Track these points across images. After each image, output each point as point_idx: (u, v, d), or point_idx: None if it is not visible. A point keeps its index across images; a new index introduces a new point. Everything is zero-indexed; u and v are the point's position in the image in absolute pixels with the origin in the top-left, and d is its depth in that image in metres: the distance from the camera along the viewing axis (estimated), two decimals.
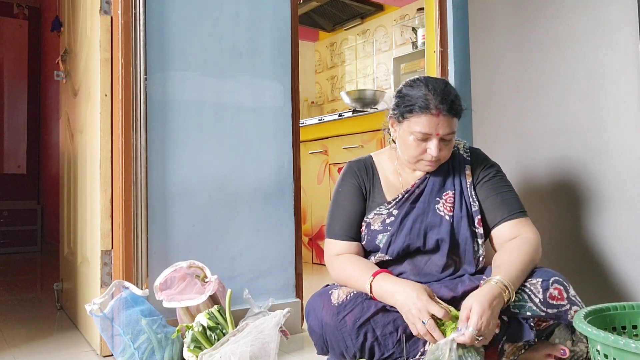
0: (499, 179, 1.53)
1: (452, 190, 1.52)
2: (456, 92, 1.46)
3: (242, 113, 1.93)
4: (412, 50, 3.64)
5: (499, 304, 1.26)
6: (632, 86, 1.69)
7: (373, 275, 1.39)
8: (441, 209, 1.49)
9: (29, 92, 5.00)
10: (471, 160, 1.56)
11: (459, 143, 1.61)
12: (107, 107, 1.74)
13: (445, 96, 1.41)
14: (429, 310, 1.27)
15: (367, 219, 1.53)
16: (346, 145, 3.35)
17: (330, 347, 1.41)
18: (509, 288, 1.28)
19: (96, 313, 1.52)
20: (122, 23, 1.71)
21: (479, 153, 1.60)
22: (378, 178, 1.58)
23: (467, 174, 1.54)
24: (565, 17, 1.90)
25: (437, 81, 1.46)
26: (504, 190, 1.51)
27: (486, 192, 1.51)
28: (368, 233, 1.52)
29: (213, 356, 1.37)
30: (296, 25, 2.08)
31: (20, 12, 4.99)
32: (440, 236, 1.46)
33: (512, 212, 1.47)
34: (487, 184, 1.52)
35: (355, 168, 1.60)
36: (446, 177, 1.54)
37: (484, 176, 1.53)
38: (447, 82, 1.48)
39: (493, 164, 1.57)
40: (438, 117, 1.39)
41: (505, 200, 1.49)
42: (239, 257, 1.90)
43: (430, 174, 1.54)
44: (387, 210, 1.52)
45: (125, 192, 1.68)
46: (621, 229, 1.73)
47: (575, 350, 1.38)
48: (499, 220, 1.47)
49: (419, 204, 1.50)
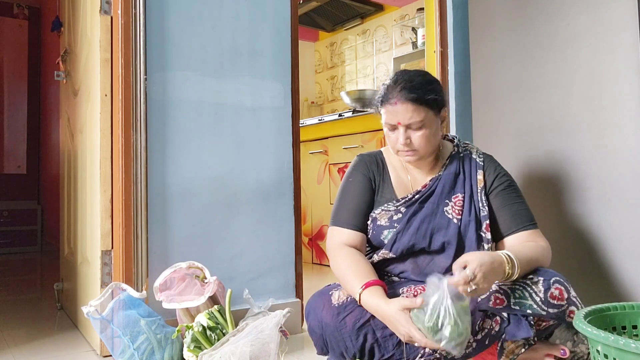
0: (512, 189, 1.53)
1: (462, 193, 1.51)
2: (427, 80, 1.46)
3: (242, 113, 1.93)
4: (412, 50, 3.64)
5: (499, 267, 1.26)
6: (632, 86, 1.69)
7: (362, 288, 1.35)
8: (450, 211, 1.49)
9: (29, 92, 4.99)
10: (484, 165, 1.55)
11: (473, 148, 1.60)
12: (107, 107, 1.74)
13: (405, 85, 1.43)
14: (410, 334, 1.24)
15: (373, 213, 1.52)
16: (346, 145, 3.35)
17: (330, 347, 1.41)
18: (512, 260, 1.28)
19: (93, 315, 1.51)
20: (122, 23, 1.71)
21: (492, 159, 1.59)
22: (388, 173, 1.58)
23: (479, 179, 1.52)
24: (565, 17, 1.90)
25: (406, 72, 1.48)
26: (518, 202, 1.51)
27: (501, 201, 1.50)
28: (374, 228, 1.51)
29: (213, 356, 1.37)
30: (296, 25, 2.08)
31: (20, 12, 4.99)
32: (447, 239, 1.46)
33: (526, 223, 1.48)
34: (501, 193, 1.51)
35: (366, 161, 1.59)
36: (457, 180, 1.53)
37: (498, 184, 1.52)
38: (419, 72, 1.48)
39: (506, 173, 1.56)
40: (396, 105, 1.43)
41: (520, 211, 1.49)
42: (238, 257, 1.90)
43: (441, 175, 1.53)
44: (394, 208, 1.51)
45: (125, 192, 1.69)
46: (621, 229, 1.73)
47: (576, 351, 1.38)
48: (514, 229, 1.47)
49: (428, 204, 1.50)
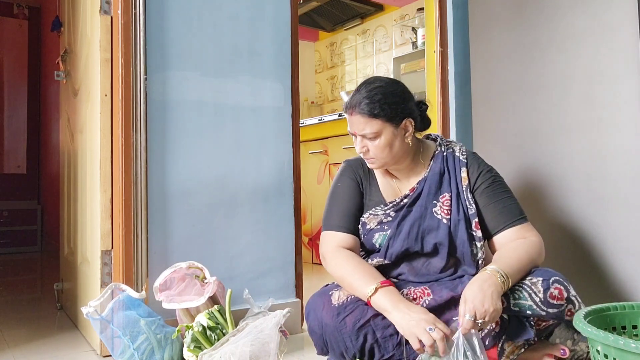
0: (498, 184, 1.52)
1: (449, 192, 1.51)
2: (385, 92, 1.45)
3: (242, 113, 1.94)
4: (412, 50, 3.64)
5: (492, 286, 1.25)
6: (632, 86, 1.69)
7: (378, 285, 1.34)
8: (438, 212, 1.49)
9: (29, 92, 4.99)
10: (467, 163, 1.55)
11: (455, 145, 1.60)
12: (107, 107, 1.74)
13: (362, 97, 1.45)
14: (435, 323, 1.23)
15: (363, 218, 1.53)
16: (346, 145, 3.35)
17: (330, 347, 1.41)
18: (501, 273, 1.28)
19: (93, 316, 1.51)
20: (122, 23, 1.71)
21: (475, 156, 1.59)
22: (374, 177, 1.60)
23: (463, 176, 1.52)
24: (565, 17, 1.90)
25: (368, 82, 1.50)
26: (505, 197, 1.50)
27: (487, 198, 1.49)
28: (364, 232, 1.52)
29: (213, 356, 1.37)
30: (296, 25, 2.08)
31: (20, 12, 4.99)
32: (439, 240, 1.46)
33: (514, 218, 1.46)
34: (486, 190, 1.50)
35: (353, 165, 1.63)
36: (442, 179, 1.53)
37: (482, 182, 1.52)
38: (380, 84, 1.47)
39: (490, 169, 1.56)
40: (352, 116, 1.48)
41: (506, 207, 1.48)
42: (238, 257, 1.90)
43: (426, 177, 1.53)
44: (383, 212, 1.52)
45: (125, 192, 1.69)
46: (621, 229, 1.73)
47: (576, 349, 1.38)
48: (502, 227, 1.46)
49: (416, 207, 1.50)
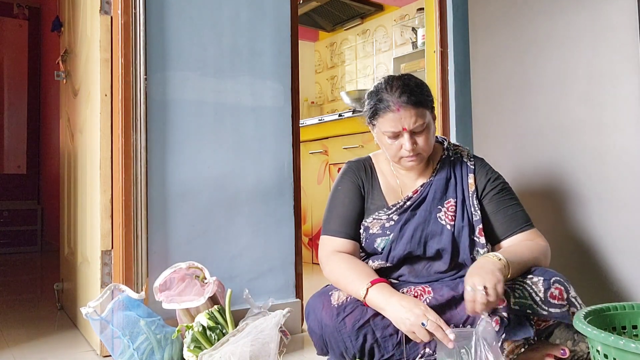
0: (506, 192, 1.53)
1: (454, 198, 1.50)
2: (417, 82, 1.45)
3: (242, 113, 1.93)
4: (412, 50, 3.64)
5: (492, 264, 1.26)
6: (632, 86, 1.69)
7: (370, 284, 1.34)
8: (443, 217, 1.48)
9: (29, 92, 4.99)
10: (475, 169, 1.55)
11: (463, 150, 1.59)
12: (107, 107, 1.74)
13: (403, 90, 1.41)
14: (426, 315, 1.24)
15: (365, 222, 1.52)
16: (346, 145, 3.34)
17: (330, 347, 1.41)
18: (500, 257, 1.29)
19: (92, 316, 1.51)
20: (122, 23, 1.71)
21: (483, 163, 1.59)
22: (377, 179, 1.58)
23: (470, 183, 1.52)
24: (565, 17, 1.90)
25: (396, 77, 1.47)
26: (513, 204, 1.51)
27: (495, 205, 1.50)
28: (367, 236, 1.51)
29: (213, 356, 1.37)
30: (296, 26, 2.08)
31: (20, 12, 4.99)
32: (442, 246, 1.46)
33: (523, 225, 1.49)
34: (495, 197, 1.51)
35: (354, 168, 1.59)
36: (448, 185, 1.53)
37: (491, 189, 1.52)
38: (408, 76, 1.47)
39: (498, 176, 1.56)
40: (399, 111, 1.40)
41: (515, 214, 1.50)
42: (239, 257, 1.90)
43: (432, 180, 1.53)
44: (386, 216, 1.51)
45: (125, 192, 1.69)
46: (621, 229, 1.73)
47: (576, 350, 1.38)
48: (511, 232, 1.48)
49: (420, 211, 1.49)
